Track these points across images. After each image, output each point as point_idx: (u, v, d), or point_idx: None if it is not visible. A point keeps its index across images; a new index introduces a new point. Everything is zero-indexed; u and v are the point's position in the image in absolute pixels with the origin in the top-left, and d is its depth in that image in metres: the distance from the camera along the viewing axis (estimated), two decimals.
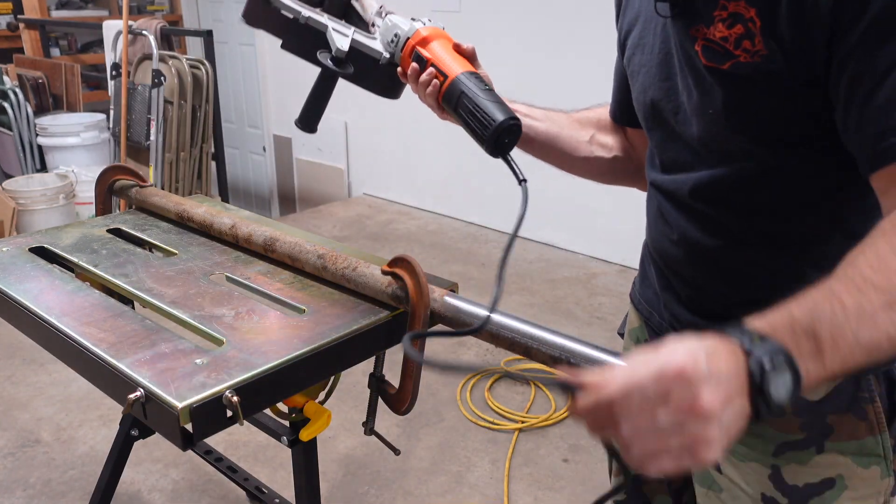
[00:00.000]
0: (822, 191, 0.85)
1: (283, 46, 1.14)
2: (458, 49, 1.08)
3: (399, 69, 1.13)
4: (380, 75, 1.16)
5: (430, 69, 1.05)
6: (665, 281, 1.03)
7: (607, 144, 1.18)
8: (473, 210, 4.39)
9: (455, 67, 1.05)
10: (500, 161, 1.00)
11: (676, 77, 0.90)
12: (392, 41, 1.11)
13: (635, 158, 1.18)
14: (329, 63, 1.10)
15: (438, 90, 1.05)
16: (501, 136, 0.98)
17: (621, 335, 1.24)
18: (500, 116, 0.98)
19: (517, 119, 0.99)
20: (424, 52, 1.07)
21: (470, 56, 1.09)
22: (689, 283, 0.98)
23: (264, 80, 5.46)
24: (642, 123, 1.02)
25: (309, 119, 1.16)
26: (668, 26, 0.89)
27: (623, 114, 1.15)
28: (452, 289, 1.17)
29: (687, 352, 0.57)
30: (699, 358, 0.56)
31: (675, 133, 0.94)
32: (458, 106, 1.02)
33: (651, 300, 1.08)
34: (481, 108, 0.99)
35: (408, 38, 1.09)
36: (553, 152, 1.17)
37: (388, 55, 1.13)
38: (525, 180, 0.97)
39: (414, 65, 1.07)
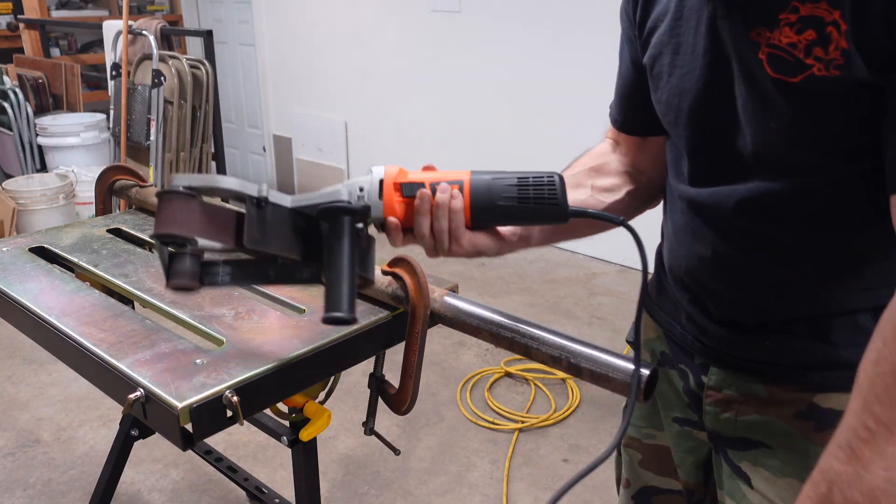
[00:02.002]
0: (885, 202, 0.77)
1: (305, 257, 0.88)
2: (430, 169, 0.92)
3: (391, 220, 0.88)
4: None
5: (442, 185, 0.86)
6: (691, 295, 0.96)
7: (612, 186, 1.06)
8: None
9: (458, 172, 0.88)
10: (499, 161, 0.97)
11: (727, 83, 0.81)
12: (359, 197, 0.87)
13: (644, 180, 1.07)
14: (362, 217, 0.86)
15: (463, 203, 0.86)
16: (565, 192, 0.86)
17: (630, 343, 1.16)
18: (555, 175, 0.86)
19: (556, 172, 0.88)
20: (416, 177, 0.88)
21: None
22: (722, 298, 0.92)
23: (264, 80, 5.46)
24: (670, 129, 0.93)
25: (347, 303, 0.85)
26: (721, 27, 0.80)
27: (633, 119, 1.04)
28: (452, 289, 1.17)
29: None
30: None
31: (717, 143, 0.85)
32: (499, 200, 0.86)
33: (670, 311, 1.02)
34: (528, 180, 0.85)
35: (381, 180, 0.87)
36: (563, 229, 1.01)
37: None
38: (623, 219, 0.87)
39: (423, 191, 0.86)
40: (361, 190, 0.87)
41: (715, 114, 0.84)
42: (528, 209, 0.85)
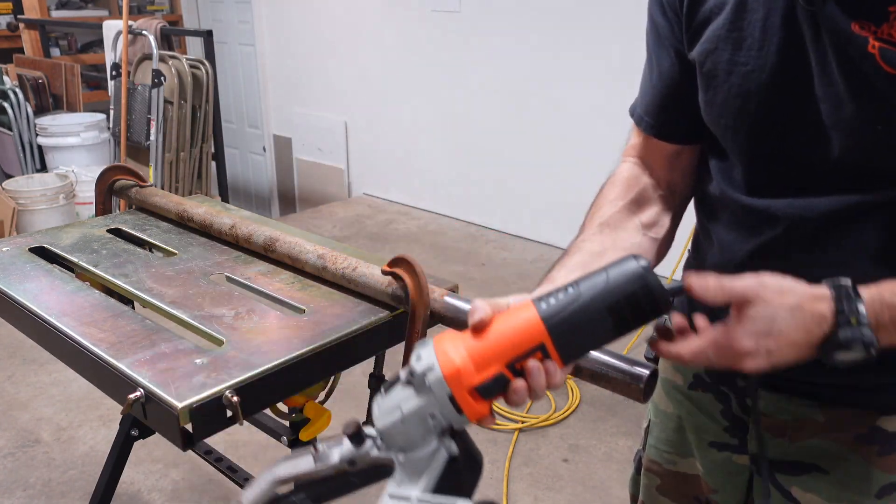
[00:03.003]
0: None
1: None
2: (483, 328, 0.68)
3: (484, 421, 0.68)
4: None
5: (530, 363, 0.65)
6: None
7: (656, 218, 0.93)
8: (473, 210, 4.39)
9: (522, 313, 0.67)
10: (499, 161, 0.88)
11: (805, 82, 0.73)
12: (433, 425, 0.66)
13: (678, 201, 0.96)
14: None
15: (561, 373, 0.68)
16: (659, 282, 0.66)
17: (649, 359, 1.05)
18: (633, 265, 0.66)
19: (638, 255, 0.68)
20: (482, 357, 0.66)
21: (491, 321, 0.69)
22: None
23: (264, 80, 5.46)
24: (723, 133, 0.83)
25: None
26: (804, 19, 0.71)
27: (673, 124, 0.92)
28: (452, 289, 1.17)
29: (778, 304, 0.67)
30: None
31: (788, 149, 0.77)
32: (594, 343, 0.68)
33: None
34: (619, 303, 0.65)
35: (450, 395, 0.65)
36: None
37: (441, 439, 0.68)
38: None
39: (517, 385, 0.66)
40: (433, 416, 0.66)
41: (788, 116, 0.76)
42: (628, 330, 0.67)
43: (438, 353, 0.66)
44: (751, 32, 0.76)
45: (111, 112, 4.45)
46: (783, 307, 0.67)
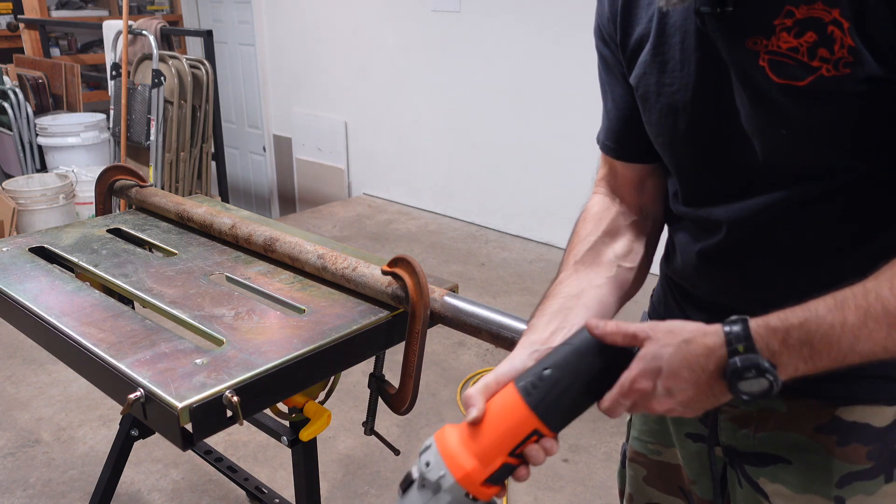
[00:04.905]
0: None
1: None
2: (480, 422, 0.77)
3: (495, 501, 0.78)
4: None
5: (529, 448, 0.75)
6: (707, 315, 0.88)
7: (630, 247, 0.98)
8: (473, 210, 4.39)
9: (511, 408, 0.75)
10: (499, 161, 0.88)
11: (726, 95, 0.79)
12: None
13: (650, 224, 1.01)
14: None
15: (556, 444, 0.77)
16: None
17: None
18: (591, 344, 0.75)
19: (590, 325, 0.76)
20: (485, 452, 0.74)
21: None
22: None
23: (264, 80, 5.46)
24: (664, 151, 0.89)
25: None
26: (716, 38, 0.77)
27: (626, 145, 0.97)
28: (452, 289, 1.17)
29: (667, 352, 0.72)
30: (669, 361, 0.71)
31: (720, 159, 0.83)
32: (569, 405, 0.76)
33: None
34: (582, 365, 0.75)
35: (466, 493, 0.74)
36: (626, 294, 0.97)
37: None
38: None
39: (521, 472, 0.77)
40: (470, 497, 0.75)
41: (714, 129, 0.82)
42: (606, 391, 0.74)
43: (446, 459, 0.74)
44: (672, 55, 0.83)
45: (111, 112, 4.45)
46: (670, 344, 0.72)
